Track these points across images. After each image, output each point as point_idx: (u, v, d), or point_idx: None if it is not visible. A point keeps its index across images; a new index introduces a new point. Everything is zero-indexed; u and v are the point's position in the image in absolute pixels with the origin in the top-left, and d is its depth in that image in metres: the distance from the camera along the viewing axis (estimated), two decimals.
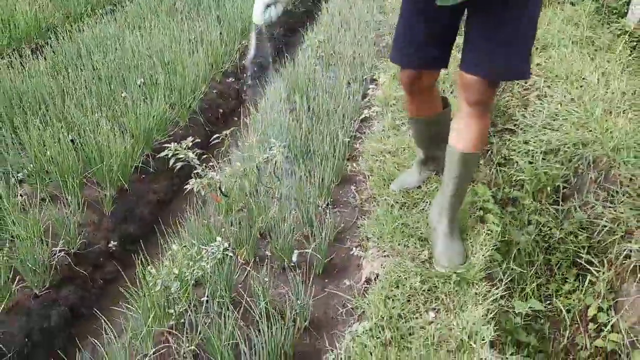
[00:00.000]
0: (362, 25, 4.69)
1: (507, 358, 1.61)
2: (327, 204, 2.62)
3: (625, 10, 4.48)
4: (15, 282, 2.20)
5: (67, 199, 2.59)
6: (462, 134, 1.93)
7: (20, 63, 3.51)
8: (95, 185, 2.82)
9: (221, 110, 3.95)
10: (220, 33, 4.44)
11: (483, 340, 1.63)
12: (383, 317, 1.79)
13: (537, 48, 3.89)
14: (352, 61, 4.01)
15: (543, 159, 2.90)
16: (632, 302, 1.94)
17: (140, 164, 3.03)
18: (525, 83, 3.60)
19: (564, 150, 2.86)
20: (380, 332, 1.73)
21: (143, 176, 3.06)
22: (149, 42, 4.00)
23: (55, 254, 2.35)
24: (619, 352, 1.93)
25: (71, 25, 4.45)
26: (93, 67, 3.58)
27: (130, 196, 2.88)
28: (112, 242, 2.62)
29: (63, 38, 4.06)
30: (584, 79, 3.35)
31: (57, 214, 2.48)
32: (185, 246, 1.90)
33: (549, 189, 2.78)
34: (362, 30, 4.59)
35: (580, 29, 4.05)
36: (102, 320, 1.82)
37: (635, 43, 4.10)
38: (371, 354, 1.65)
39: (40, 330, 2.18)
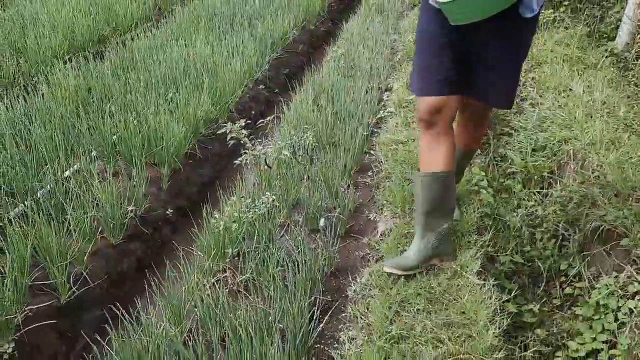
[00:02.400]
0: (378, 43, 5.27)
1: (490, 282, 2.10)
2: (349, 185, 3.14)
3: (614, 35, 5.02)
4: (98, 234, 2.73)
5: (133, 174, 3.12)
6: (460, 135, 2.37)
7: (85, 65, 4.10)
8: (154, 165, 3.36)
9: (253, 112, 4.50)
10: (254, 47, 5.02)
11: (472, 270, 2.13)
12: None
13: (532, 65, 4.43)
14: (370, 73, 4.57)
15: (533, 154, 3.42)
16: (593, 254, 2.44)
17: (189, 151, 3.58)
18: (521, 93, 4.12)
19: (550, 147, 3.38)
20: None
21: (191, 161, 3.61)
22: (193, 51, 4.60)
23: (127, 214, 2.87)
24: (582, 295, 2.41)
25: (122, 35, 5.06)
26: (147, 70, 4.15)
27: (182, 175, 3.43)
28: (168, 210, 3.15)
29: (118, 46, 4.66)
30: (570, 89, 3.87)
31: (126, 184, 3.02)
32: (242, 197, 2.43)
33: (536, 178, 3.28)
34: (378, 47, 5.16)
35: (572, 49, 4.59)
36: (178, 251, 2.34)
37: (622, 64, 4.63)
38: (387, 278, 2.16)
39: (116, 271, 2.70)
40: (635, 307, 2.04)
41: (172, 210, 3.16)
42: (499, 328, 1.87)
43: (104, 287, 2.59)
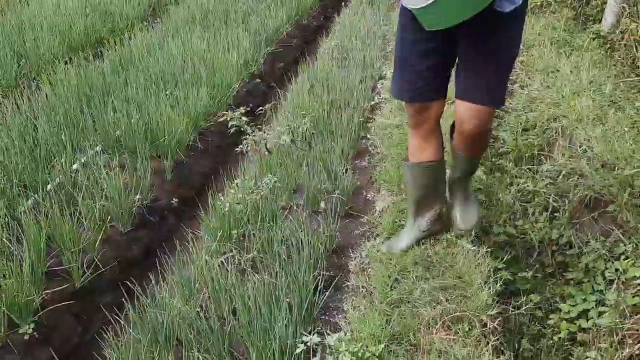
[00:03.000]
0: (370, 34, 5.38)
1: (484, 249, 2.22)
2: (347, 169, 3.25)
3: (600, 17, 5.14)
4: (108, 222, 2.84)
5: (138, 166, 3.22)
6: (467, 145, 2.14)
7: (85, 65, 4.21)
8: (158, 158, 3.47)
9: (251, 105, 4.60)
10: (249, 42, 5.13)
11: (467, 238, 2.25)
12: (391, 233, 2.42)
13: (520, 49, 4.55)
14: (363, 63, 4.68)
15: (523, 133, 3.54)
16: (582, 222, 2.56)
17: (191, 143, 3.69)
18: (510, 76, 4.24)
19: (540, 125, 3.50)
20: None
21: (193, 153, 3.72)
22: (190, 47, 4.71)
23: (134, 204, 2.98)
24: (574, 262, 2.54)
25: (119, 35, 5.16)
26: (146, 67, 4.26)
27: (185, 166, 3.54)
28: (173, 199, 3.26)
29: (116, 45, 4.76)
30: (558, 70, 3.99)
31: (132, 176, 3.13)
32: (246, 179, 2.55)
33: (527, 155, 3.40)
34: (370, 37, 5.27)
35: (559, 32, 4.71)
36: (186, 234, 2.45)
37: (608, 45, 4.74)
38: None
39: (125, 257, 2.81)
40: (621, 267, 2.16)
41: (177, 200, 3.27)
42: (492, 289, 1.98)
43: (116, 272, 2.70)
